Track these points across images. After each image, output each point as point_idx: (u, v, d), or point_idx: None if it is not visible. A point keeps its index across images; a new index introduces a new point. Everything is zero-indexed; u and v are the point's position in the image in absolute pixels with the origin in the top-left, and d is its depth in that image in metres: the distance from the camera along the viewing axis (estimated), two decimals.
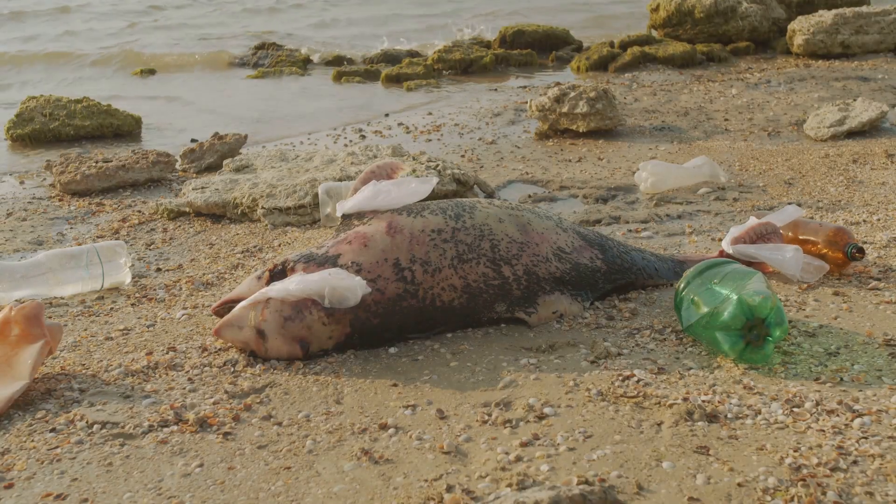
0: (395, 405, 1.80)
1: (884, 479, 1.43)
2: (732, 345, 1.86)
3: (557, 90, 4.60)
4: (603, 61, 6.82)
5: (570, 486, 1.35)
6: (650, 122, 4.83)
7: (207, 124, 5.36)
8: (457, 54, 7.08)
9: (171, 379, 1.96)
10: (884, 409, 1.65)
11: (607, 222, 3.13)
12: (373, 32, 9.28)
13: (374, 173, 2.36)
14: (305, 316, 2.00)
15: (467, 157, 4.21)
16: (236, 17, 10.85)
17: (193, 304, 2.45)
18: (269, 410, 1.80)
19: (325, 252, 2.13)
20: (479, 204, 2.26)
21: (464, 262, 2.11)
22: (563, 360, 1.97)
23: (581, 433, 1.63)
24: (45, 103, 5.00)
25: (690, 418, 1.65)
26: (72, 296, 2.56)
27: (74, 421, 1.77)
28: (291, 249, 2.90)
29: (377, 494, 1.48)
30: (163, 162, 4.03)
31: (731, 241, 2.39)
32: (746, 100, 5.31)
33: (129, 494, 1.51)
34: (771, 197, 3.32)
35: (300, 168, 3.60)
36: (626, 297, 2.32)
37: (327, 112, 5.62)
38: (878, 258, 2.50)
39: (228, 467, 1.59)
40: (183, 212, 3.42)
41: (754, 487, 1.42)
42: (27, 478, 1.58)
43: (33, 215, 3.52)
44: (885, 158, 3.75)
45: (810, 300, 2.23)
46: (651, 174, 3.49)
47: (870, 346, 1.95)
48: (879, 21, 6.66)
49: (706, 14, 7.26)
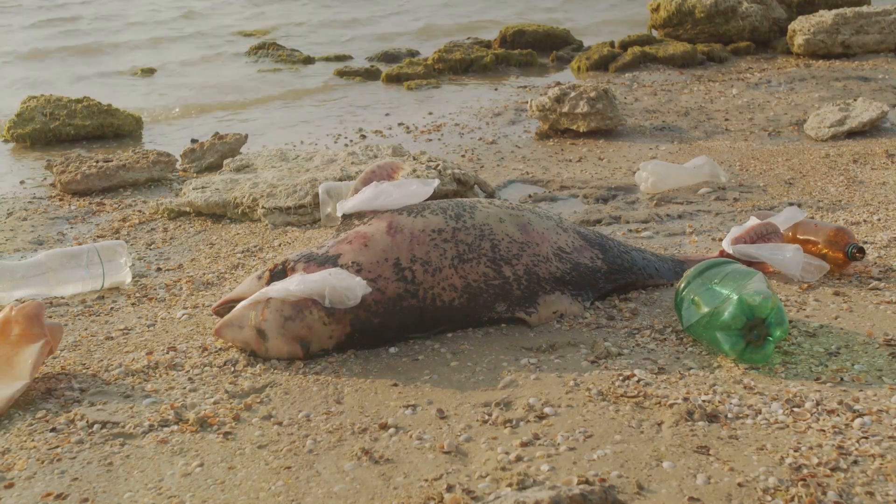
0: (395, 405, 1.80)
1: (884, 478, 1.43)
2: (733, 345, 1.86)
3: (558, 90, 4.60)
4: (603, 61, 6.81)
5: (570, 486, 1.36)
6: (651, 121, 4.83)
7: (207, 123, 5.36)
8: (457, 54, 7.08)
9: (172, 379, 1.96)
10: (884, 409, 1.65)
11: (608, 222, 3.13)
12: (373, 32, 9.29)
13: (374, 173, 2.36)
14: (306, 316, 2.00)
15: (468, 157, 4.21)
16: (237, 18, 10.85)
17: (194, 303, 2.45)
18: (270, 410, 1.80)
19: (325, 252, 2.13)
20: (479, 204, 2.26)
21: (464, 262, 2.11)
22: (564, 360, 1.97)
23: (581, 433, 1.63)
24: (45, 103, 4.99)
25: (691, 418, 1.65)
26: (72, 295, 2.56)
27: (75, 420, 1.77)
28: (292, 249, 2.90)
29: (377, 494, 1.48)
30: (163, 162, 4.03)
31: (732, 241, 2.39)
32: (747, 100, 5.31)
33: (130, 494, 1.51)
34: (771, 197, 3.32)
35: (300, 168, 3.60)
36: (626, 297, 2.32)
37: (327, 111, 5.63)
38: (879, 258, 2.50)
39: (229, 467, 1.59)
40: (183, 211, 3.42)
41: (754, 487, 1.42)
42: (27, 477, 1.58)
43: (34, 215, 3.52)
44: (885, 158, 3.75)
45: (811, 300, 2.23)
46: (651, 174, 3.49)
47: (870, 346, 1.95)
48: (880, 21, 6.65)
49: (706, 14, 7.25)
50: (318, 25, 10.06)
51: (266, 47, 8.08)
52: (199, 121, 5.52)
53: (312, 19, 10.51)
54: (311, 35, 9.35)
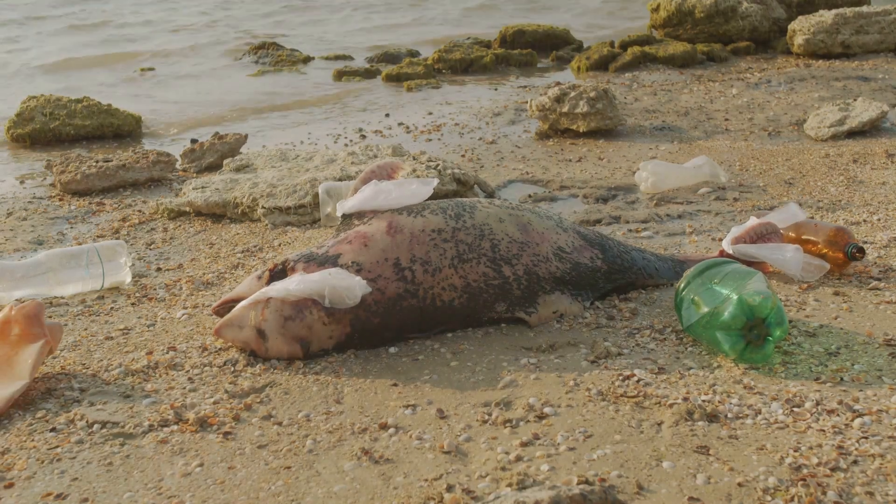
0: (395, 405, 1.80)
1: (884, 478, 1.43)
2: (733, 345, 1.86)
3: (558, 90, 4.60)
4: (603, 61, 6.82)
5: (570, 486, 1.35)
6: (650, 121, 4.83)
7: (207, 123, 5.36)
8: (457, 54, 7.08)
9: (172, 378, 1.96)
10: (884, 409, 1.65)
11: (607, 222, 3.13)
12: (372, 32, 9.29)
13: (374, 173, 2.36)
14: (306, 316, 2.00)
15: (467, 157, 4.21)
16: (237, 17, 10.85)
17: (194, 303, 2.45)
18: (270, 410, 1.80)
19: (325, 252, 2.13)
20: (479, 204, 2.26)
21: (464, 262, 2.11)
22: (564, 360, 1.97)
23: (581, 433, 1.63)
24: (45, 103, 5.00)
25: (690, 418, 1.65)
26: (72, 295, 2.56)
27: (74, 420, 1.77)
28: (291, 249, 2.90)
29: (377, 494, 1.48)
30: (163, 161, 4.03)
31: (732, 241, 2.39)
32: (747, 100, 5.31)
33: (130, 494, 1.51)
34: (771, 197, 3.32)
35: (300, 168, 3.60)
36: (626, 296, 2.32)
37: (327, 111, 5.62)
38: (879, 258, 2.50)
39: (229, 467, 1.59)
40: (183, 211, 3.42)
41: (754, 487, 1.42)
42: (27, 477, 1.58)
43: (34, 215, 3.52)
44: (885, 158, 3.75)
45: (810, 300, 2.23)
46: (651, 174, 3.49)
47: (870, 345, 1.95)
48: (880, 21, 6.65)
49: (706, 14, 7.26)
50: (319, 26, 10.06)
51: (266, 47, 8.08)
52: (199, 123, 5.52)
53: (312, 19, 10.51)
54: (311, 35, 9.35)
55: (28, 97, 5.14)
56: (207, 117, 5.59)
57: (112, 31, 9.74)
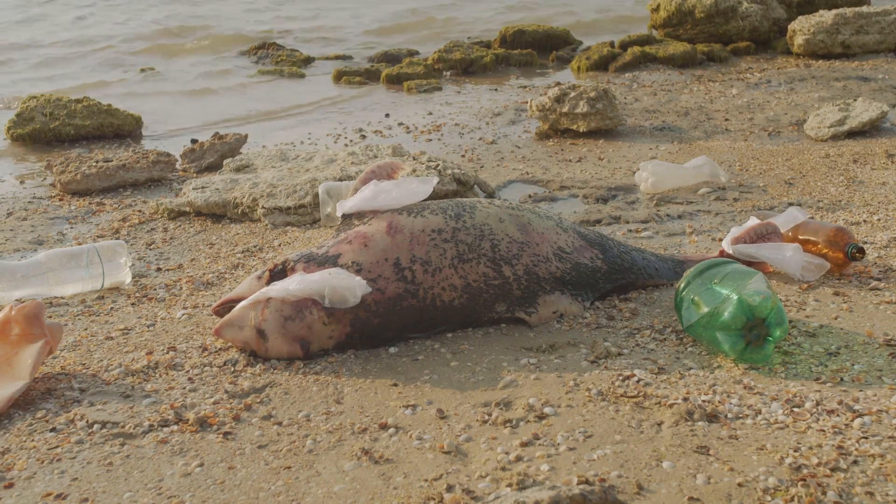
0: (395, 405, 1.80)
1: (884, 479, 1.43)
2: (733, 345, 1.86)
3: (558, 90, 4.60)
4: (603, 61, 6.82)
5: (570, 486, 1.36)
6: (650, 121, 4.83)
7: (207, 123, 5.36)
8: (457, 54, 7.08)
9: (172, 379, 1.96)
10: (884, 409, 1.65)
11: (607, 222, 3.13)
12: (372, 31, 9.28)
13: (374, 173, 2.36)
14: (306, 316, 2.00)
15: (468, 157, 4.21)
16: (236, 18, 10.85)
17: (194, 303, 2.45)
18: (270, 410, 1.80)
19: (325, 252, 2.13)
20: (479, 204, 2.26)
21: (464, 262, 2.11)
22: (564, 360, 1.97)
23: (581, 433, 1.63)
24: (45, 103, 4.99)
25: (690, 418, 1.65)
26: (72, 295, 2.56)
27: (74, 420, 1.77)
28: (291, 249, 2.90)
29: (377, 494, 1.48)
30: (163, 162, 4.03)
31: (732, 241, 2.39)
32: (747, 100, 5.31)
33: (130, 494, 1.51)
34: (771, 197, 3.32)
35: (300, 168, 3.60)
36: (626, 297, 2.32)
37: (327, 111, 5.62)
38: (879, 258, 2.50)
39: (228, 467, 1.59)
40: (183, 211, 3.42)
41: (754, 487, 1.42)
42: (27, 477, 1.58)
43: (33, 215, 3.52)
44: (885, 158, 3.75)
45: (810, 300, 2.23)
46: (651, 174, 3.49)
47: (870, 346, 1.95)
48: (880, 21, 6.65)
49: (706, 14, 7.26)
50: (318, 25, 10.05)
51: (266, 47, 8.08)
52: (199, 123, 5.52)
53: (312, 19, 10.51)
54: (310, 35, 9.35)
55: (28, 97, 5.14)
56: (207, 117, 5.59)
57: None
